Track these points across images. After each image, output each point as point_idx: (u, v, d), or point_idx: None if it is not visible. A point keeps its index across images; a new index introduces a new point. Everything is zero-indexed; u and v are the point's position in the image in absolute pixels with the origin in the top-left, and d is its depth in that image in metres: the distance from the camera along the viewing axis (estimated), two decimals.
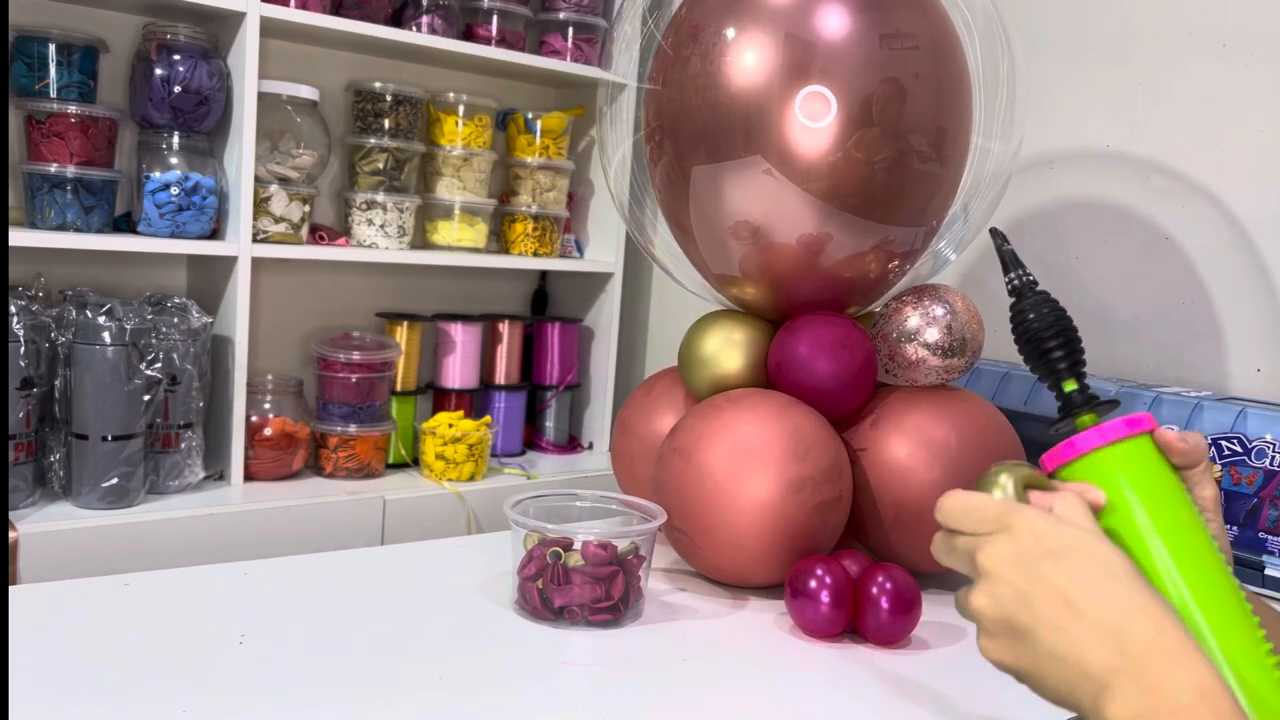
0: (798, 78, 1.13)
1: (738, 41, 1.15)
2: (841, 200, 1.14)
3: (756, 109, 1.14)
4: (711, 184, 1.18)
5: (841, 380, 1.17)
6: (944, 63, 1.19)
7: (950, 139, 1.19)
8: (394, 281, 2.20)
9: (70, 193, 1.67)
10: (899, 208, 1.18)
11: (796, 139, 1.13)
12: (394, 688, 0.88)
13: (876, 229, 1.17)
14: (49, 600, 1.03)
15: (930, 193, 1.20)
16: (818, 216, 1.15)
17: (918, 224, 1.21)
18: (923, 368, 1.20)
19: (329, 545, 1.51)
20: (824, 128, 1.12)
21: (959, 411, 1.18)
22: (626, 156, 1.44)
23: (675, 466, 1.15)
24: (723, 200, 1.18)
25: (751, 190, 1.16)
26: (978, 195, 1.27)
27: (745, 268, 1.21)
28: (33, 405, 1.56)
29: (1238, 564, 1.29)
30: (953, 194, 1.24)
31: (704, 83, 1.16)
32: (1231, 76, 1.52)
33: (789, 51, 1.13)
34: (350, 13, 1.90)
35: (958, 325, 1.19)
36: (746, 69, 1.14)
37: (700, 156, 1.18)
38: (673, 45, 1.22)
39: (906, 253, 1.23)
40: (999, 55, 1.24)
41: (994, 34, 1.25)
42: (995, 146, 1.25)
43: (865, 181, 1.14)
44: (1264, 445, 1.30)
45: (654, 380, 1.35)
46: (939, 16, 1.20)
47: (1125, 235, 1.63)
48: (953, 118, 1.20)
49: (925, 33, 1.17)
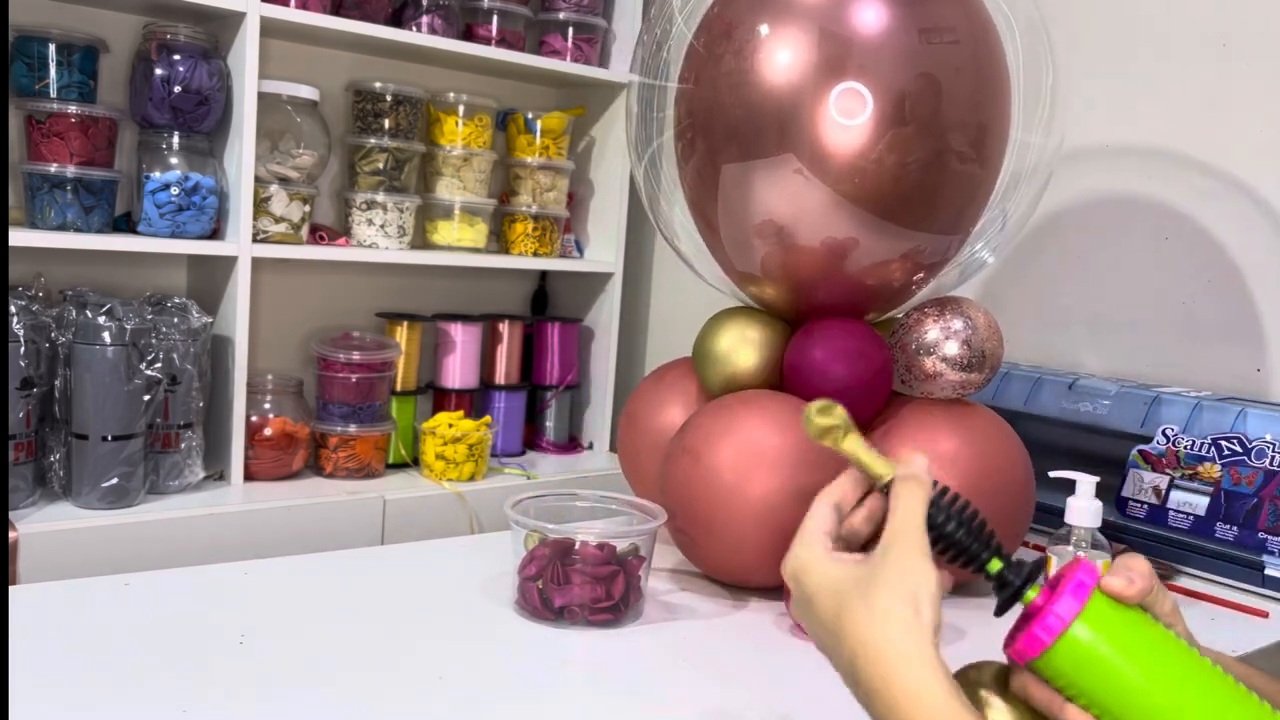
0: (833, 74, 1.10)
1: (771, 38, 1.14)
2: (874, 202, 1.12)
3: (790, 106, 1.12)
4: (741, 182, 1.16)
5: (856, 388, 1.16)
6: (984, 57, 1.16)
7: (990, 137, 1.16)
8: (394, 281, 2.20)
9: (70, 193, 1.67)
10: (934, 212, 1.15)
11: (830, 137, 1.10)
12: (394, 688, 0.88)
13: (907, 235, 1.14)
14: (49, 600, 1.03)
15: (968, 196, 1.17)
16: (846, 219, 1.13)
17: (952, 231, 1.18)
18: (939, 381, 1.19)
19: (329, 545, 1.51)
20: (859, 125, 1.09)
21: (971, 426, 1.17)
22: (656, 155, 1.42)
23: (683, 465, 1.14)
24: (751, 198, 1.16)
25: (781, 189, 1.14)
26: (1015, 195, 1.24)
27: (767, 267, 1.20)
28: (33, 405, 1.56)
29: (1238, 564, 1.29)
30: (989, 197, 1.21)
31: (737, 80, 1.15)
32: (1231, 76, 1.52)
33: (824, 47, 1.11)
34: (350, 13, 1.90)
35: (977, 340, 1.18)
36: (780, 66, 1.13)
37: (732, 154, 1.16)
38: (705, 44, 1.20)
39: (934, 263, 1.21)
40: (1040, 49, 1.21)
41: (1035, 27, 1.22)
42: (1035, 140, 1.22)
43: (900, 182, 1.11)
44: (1264, 445, 1.30)
45: (664, 370, 1.34)
46: (977, 8, 1.17)
47: (1126, 235, 1.63)
48: (993, 114, 1.17)
49: (964, 26, 1.14)
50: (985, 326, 1.19)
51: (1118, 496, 1.41)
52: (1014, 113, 1.20)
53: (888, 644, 0.58)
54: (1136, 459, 1.40)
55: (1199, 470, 1.34)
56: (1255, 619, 1.21)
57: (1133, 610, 0.62)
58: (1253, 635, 1.14)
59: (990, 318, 1.21)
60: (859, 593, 0.60)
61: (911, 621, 0.58)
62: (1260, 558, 1.28)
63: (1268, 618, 1.21)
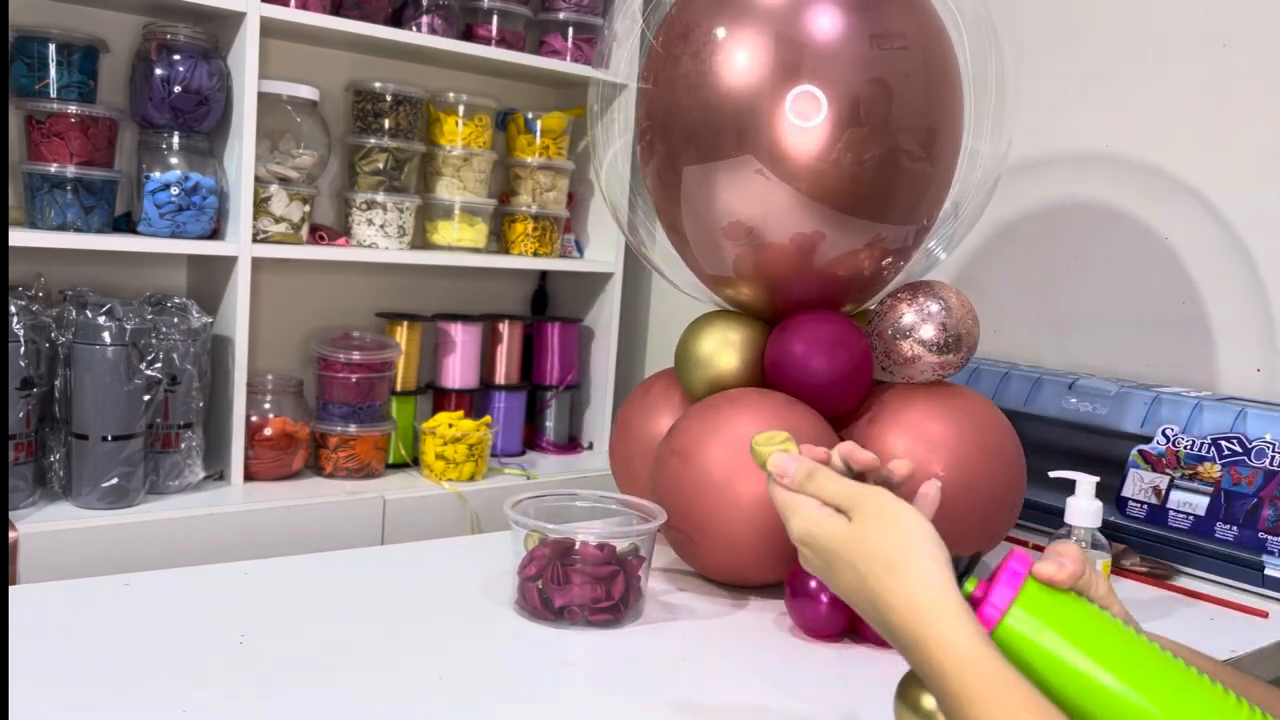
0: (788, 77, 1.13)
1: (728, 41, 1.15)
2: (833, 199, 1.14)
3: (748, 108, 1.14)
4: (703, 184, 1.18)
5: (838, 378, 1.17)
6: (934, 63, 1.19)
7: (940, 139, 1.20)
8: (394, 281, 2.20)
9: (70, 193, 1.67)
10: (890, 207, 1.18)
11: (787, 138, 1.13)
12: (394, 688, 0.88)
13: (868, 228, 1.18)
14: (49, 600, 1.03)
15: (920, 192, 1.20)
16: (810, 216, 1.15)
17: (909, 222, 1.21)
18: (919, 364, 1.20)
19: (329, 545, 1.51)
20: (815, 127, 1.13)
21: (956, 407, 1.18)
22: (618, 156, 1.43)
23: (672, 467, 1.15)
24: (715, 201, 1.18)
25: (744, 190, 1.16)
26: (968, 193, 1.27)
27: (739, 268, 1.22)
28: (33, 405, 1.56)
29: (1238, 564, 1.29)
30: (944, 193, 1.24)
31: (695, 82, 1.17)
32: (1231, 76, 1.52)
33: (780, 51, 1.14)
34: (350, 13, 1.90)
35: (953, 322, 1.19)
36: (737, 68, 1.15)
37: (691, 156, 1.18)
38: (664, 44, 1.22)
39: (899, 250, 1.23)
40: (988, 54, 1.25)
41: (983, 33, 1.25)
42: (985, 148, 1.26)
43: (856, 180, 1.14)
44: (1264, 445, 1.30)
45: (651, 381, 1.36)
46: (929, 16, 1.20)
47: (1125, 235, 1.63)
48: (943, 117, 1.20)
49: (915, 33, 1.18)
50: (959, 307, 1.20)
51: (1118, 496, 1.41)
52: (966, 113, 1.24)
53: (910, 605, 0.63)
54: (1136, 459, 1.40)
55: (1199, 470, 1.35)
56: (1255, 619, 1.21)
57: (1067, 594, 0.65)
58: (1253, 635, 1.15)
59: (964, 298, 1.22)
60: (868, 554, 0.66)
61: (925, 571, 0.63)
62: (1260, 558, 1.28)
63: (1268, 618, 1.21)
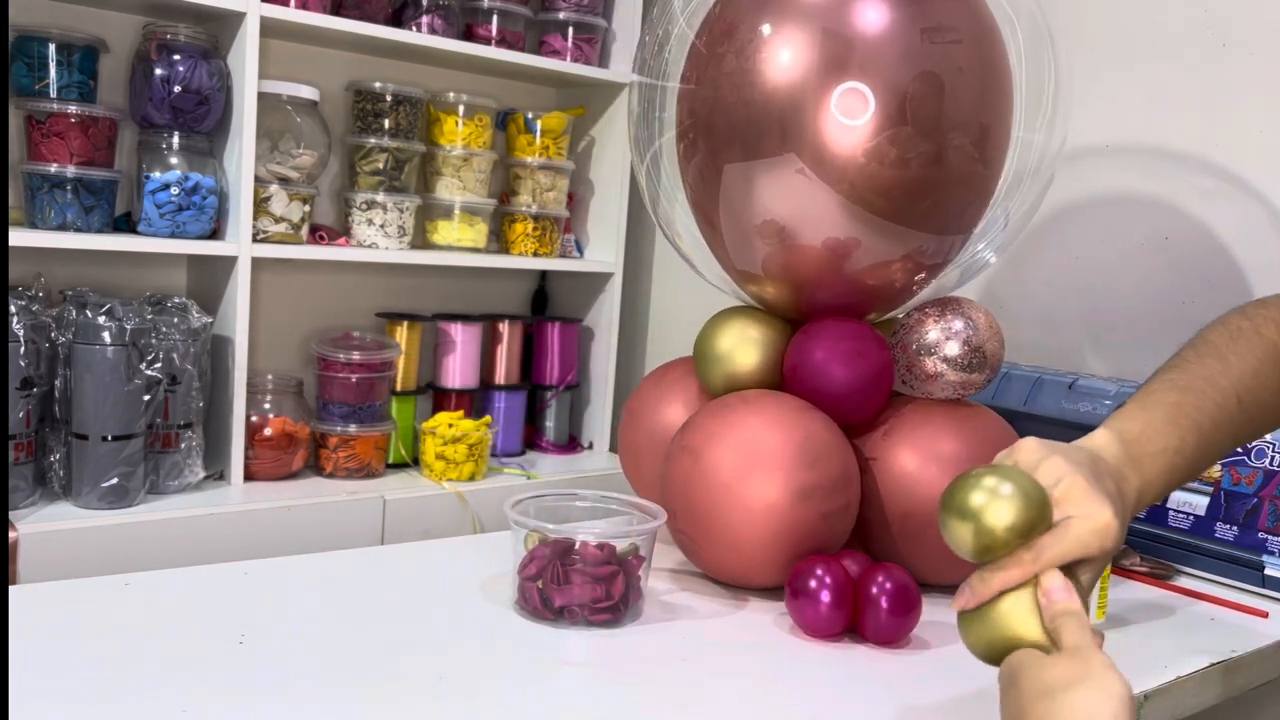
0: (835, 73, 1.10)
1: (773, 38, 1.14)
2: (875, 203, 1.11)
3: (792, 106, 1.12)
4: (743, 182, 1.16)
5: (856, 389, 1.15)
6: (987, 57, 1.15)
7: (992, 136, 1.16)
8: (394, 281, 2.20)
9: (70, 193, 1.67)
10: (936, 211, 1.15)
11: (832, 136, 1.10)
12: (394, 687, 0.88)
13: (909, 236, 1.14)
14: (49, 600, 1.03)
15: (970, 196, 1.17)
16: (848, 219, 1.13)
17: (954, 231, 1.18)
18: (940, 381, 1.18)
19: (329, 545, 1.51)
20: (861, 125, 1.09)
21: (971, 427, 1.17)
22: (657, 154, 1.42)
23: (683, 464, 1.14)
24: (753, 198, 1.16)
25: (783, 190, 1.14)
26: (1018, 195, 1.24)
27: (768, 267, 1.20)
28: (33, 405, 1.56)
29: (1238, 564, 1.29)
30: (991, 197, 1.20)
31: (739, 80, 1.15)
32: (1231, 76, 1.52)
33: (825, 47, 1.11)
34: (350, 13, 1.90)
35: (978, 340, 1.17)
36: (782, 65, 1.13)
37: (734, 154, 1.16)
38: (707, 43, 1.21)
39: (936, 264, 1.21)
40: (1043, 48, 1.21)
41: (1038, 25, 1.22)
42: (1038, 139, 1.22)
43: (901, 181, 1.11)
44: (1264, 445, 1.30)
45: (665, 370, 1.34)
46: (980, 8, 1.17)
47: (1125, 235, 1.63)
48: (995, 114, 1.17)
49: (967, 26, 1.14)
50: (986, 327, 1.19)
51: None
52: (1017, 112, 1.20)
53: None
54: None
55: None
56: (1255, 619, 1.21)
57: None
58: (1253, 635, 1.15)
59: (991, 318, 1.21)
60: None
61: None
62: (1260, 558, 1.28)
63: (1268, 618, 1.21)
